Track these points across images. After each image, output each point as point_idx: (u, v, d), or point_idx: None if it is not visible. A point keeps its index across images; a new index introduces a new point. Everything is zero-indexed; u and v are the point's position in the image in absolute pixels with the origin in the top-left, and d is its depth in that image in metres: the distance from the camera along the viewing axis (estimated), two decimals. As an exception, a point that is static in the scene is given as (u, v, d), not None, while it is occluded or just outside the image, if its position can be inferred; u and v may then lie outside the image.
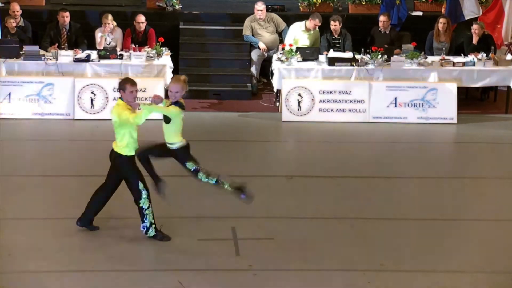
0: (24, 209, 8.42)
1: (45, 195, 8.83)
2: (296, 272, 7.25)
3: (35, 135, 11.00)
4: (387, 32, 12.83)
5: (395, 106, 11.83)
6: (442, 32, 12.72)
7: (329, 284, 7.05)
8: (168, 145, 7.50)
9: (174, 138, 7.49)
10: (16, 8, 12.48)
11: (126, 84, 7.39)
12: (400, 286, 7.07)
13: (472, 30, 12.64)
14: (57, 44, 12.20)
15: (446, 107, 11.82)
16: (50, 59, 11.78)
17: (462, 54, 12.42)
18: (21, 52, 11.80)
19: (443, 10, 13.65)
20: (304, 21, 12.80)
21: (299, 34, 12.79)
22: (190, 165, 7.48)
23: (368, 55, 12.18)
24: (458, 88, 11.97)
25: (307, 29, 12.77)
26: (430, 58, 12.34)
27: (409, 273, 7.27)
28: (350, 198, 8.99)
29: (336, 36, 12.70)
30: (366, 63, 12.06)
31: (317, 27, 12.77)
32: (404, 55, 12.21)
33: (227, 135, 11.08)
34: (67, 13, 12.41)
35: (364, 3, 13.78)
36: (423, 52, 12.49)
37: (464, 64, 12.10)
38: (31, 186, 9.08)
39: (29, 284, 6.92)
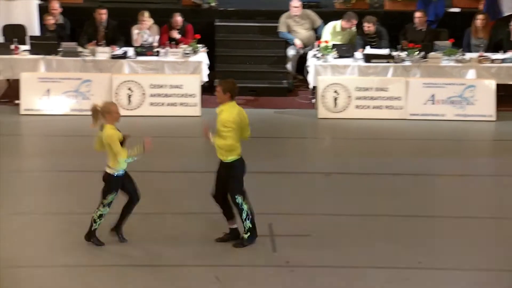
0: (61, 204, 8.50)
1: (81, 191, 8.89)
2: (333, 268, 7.22)
3: (73, 131, 11.06)
4: (423, 30, 12.70)
5: (433, 103, 11.72)
6: (480, 28, 12.57)
7: (367, 281, 7.01)
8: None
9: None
10: (55, 6, 12.61)
11: None
12: (439, 284, 7.01)
13: (511, 27, 12.47)
14: (95, 41, 12.31)
15: (484, 104, 11.68)
16: (88, 56, 11.89)
17: (501, 51, 12.27)
18: (59, 49, 11.93)
19: (481, 7, 13.47)
20: (340, 20, 12.72)
21: (334, 33, 12.73)
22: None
23: (405, 52, 12.08)
24: (497, 85, 11.82)
25: (343, 29, 12.71)
26: (468, 55, 12.21)
27: (448, 271, 7.21)
28: (387, 195, 8.93)
29: (371, 35, 12.62)
30: (403, 60, 11.97)
31: (353, 26, 12.70)
32: (442, 52, 12.09)
33: (263, 131, 11.06)
34: (105, 11, 12.52)
35: (400, -1, 13.68)
36: (461, 49, 12.36)
37: (502, 60, 11.95)
38: (66, 182, 9.16)
39: (67, 277, 6.99)
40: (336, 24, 12.74)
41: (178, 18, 12.65)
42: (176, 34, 12.57)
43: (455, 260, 7.41)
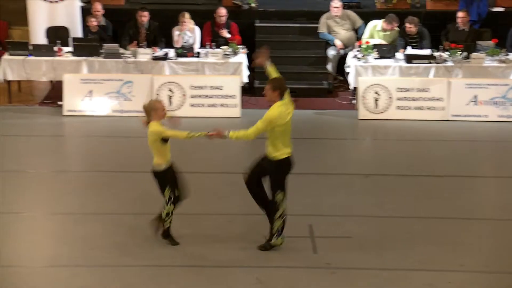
0: (101, 205, 8.59)
1: (122, 192, 8.98)
2: (374, 271, 7.18)
3: (115, 132, 11.19)
4: (465, 30, 12.55)
5: (475, 104, 11.58)
6: (525, 28, 12.40)
7: (408, 284, 6.95)
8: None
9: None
10: (98, 7, 12.77)
11: None
12: (482, 287, 6.92)
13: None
14: (136, 42, 12.42)
15: (528, 105, 11.53)
16: (129, 57, 12.01)
17: (546, 51, 12.08)
18: (101, 51, 12.07)
19: (525, 6, 13.30)
20: (382, 20, 12.66)
21: (376, 33, 12.67)
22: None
23: (447, 52, 11.96)
24: (541, 85, 11.65)
25: (384, 30, 12.65)
26: (511, 55, 12.04)
27: (491, 274, 7.11)
28: (429, 197, 8.85)
29: (412, 35, 12.52)
30: (445, 60, 11.85)
31: (394, 28, 12.62)
32: (485, 52, 11.93)
33: (304, 132, 11.04)
34: (146, 12, 12.62)
35: (442, -1, 13.54)
36: (504, 49, 12.18)
37: (547, 61, 11.78)
38: (107, 183, 9.24)
39: (108, 277, 7.06)
40: (378, 23, 12.68)
41: (222, 10, 12.70)
42: (226, 33, 12.65)
43: (498, 263, 7.31)
